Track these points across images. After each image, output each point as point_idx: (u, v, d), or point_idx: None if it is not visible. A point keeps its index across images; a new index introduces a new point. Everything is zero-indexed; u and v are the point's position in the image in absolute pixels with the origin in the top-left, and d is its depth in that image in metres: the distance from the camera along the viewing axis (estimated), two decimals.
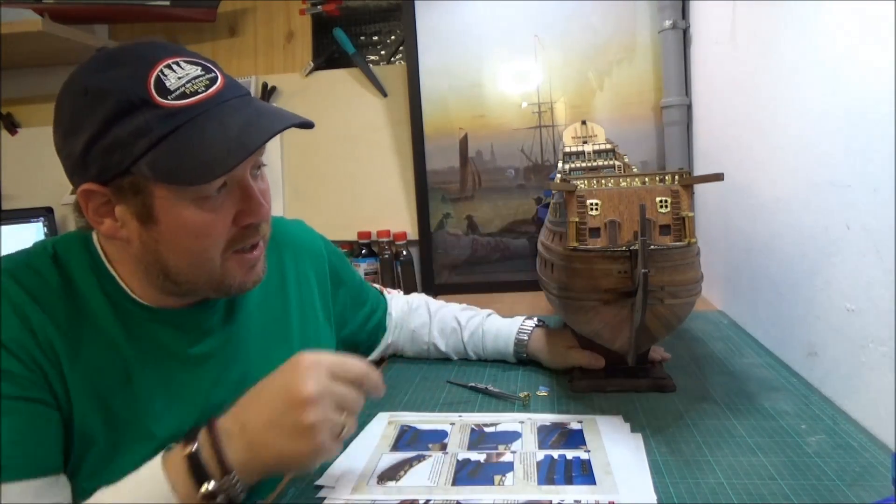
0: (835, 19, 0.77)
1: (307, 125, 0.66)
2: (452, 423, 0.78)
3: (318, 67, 1.79)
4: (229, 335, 0.75)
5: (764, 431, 0.71)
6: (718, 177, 0.72)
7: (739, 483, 0.61)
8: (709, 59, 1.35)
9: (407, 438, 0.76)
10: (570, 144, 1.20)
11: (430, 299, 1.11)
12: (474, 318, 1.05)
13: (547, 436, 0.73)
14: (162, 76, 0.60)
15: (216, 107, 0.61)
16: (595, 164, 1.12)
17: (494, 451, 0.70)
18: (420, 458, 0.70)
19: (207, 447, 0.55)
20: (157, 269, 0.65)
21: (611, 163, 1.11)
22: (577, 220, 0.72)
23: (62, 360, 0.62)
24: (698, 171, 1.46)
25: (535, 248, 1.03)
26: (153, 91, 0.59)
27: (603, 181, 0.76)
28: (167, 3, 1.72)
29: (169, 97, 0.59)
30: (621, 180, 0.77)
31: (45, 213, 1.74)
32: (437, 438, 0.75)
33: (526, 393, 0.85)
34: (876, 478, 0.60)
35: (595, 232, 0.72)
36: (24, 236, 1.69)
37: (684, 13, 1.48)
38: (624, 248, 0.70)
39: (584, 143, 1.20)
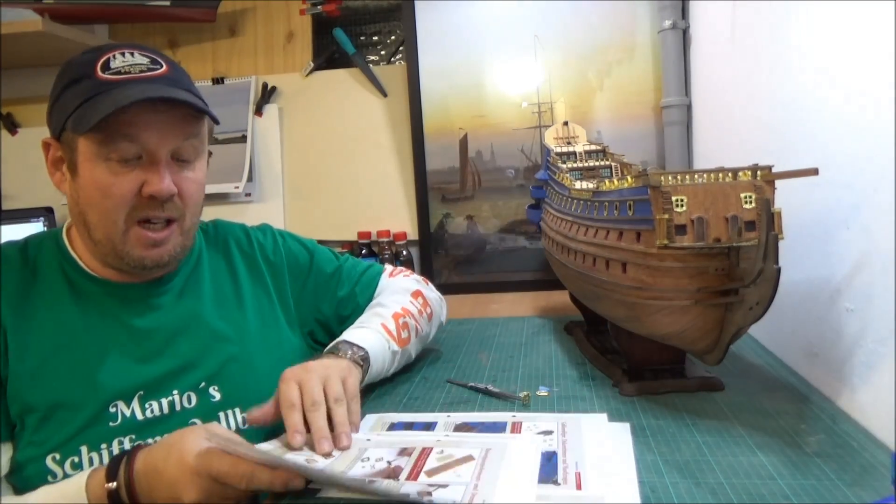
0: (835, 19, 0.77)
1: (212, 118, 0.77)
2: (438, 421, 0.79)
3: (318, 67, 1.79)
4: (180, 314, 0.82)
5: (764, 431, 0.71)
6: (812, 171, 0.69)
7: (739, 483, 0.61)
8: (709, 59, 1.35)
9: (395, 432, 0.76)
10: (552, 145, 1.19)
11: (395, 289, 1.01)
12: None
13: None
14: (111, 59, 0.73)
15: (139, 83, 0.72)
16: (587, 164, 1.11)
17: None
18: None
19: (124, 491, 0.61)
20: (82, 223, 0.76)
21: (605, 163, 1.11)
22: (667, 217, 0.69)
23: (8, 332, 0.72)
24: None
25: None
26: (98, 67, 0.72)
27: (687, 177, 0.72)
28: (167, 3, 1.72)
29: (106, 72, 0.72)
30: (704, 175, 0.73)
31: (45, 213, 1.74)
32: (424, 433, 0.75)
33: (526, 393, 0.85)
34: (876, 478, 0.60)
35: (681, 229, 0.69)
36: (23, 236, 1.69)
37: (684, 13, 1.48)
38: (726, 244, 0.68)
39: (568, 143, 1.19)
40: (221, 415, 0.80)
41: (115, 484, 0.60)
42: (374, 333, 0.87)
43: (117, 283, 0.79)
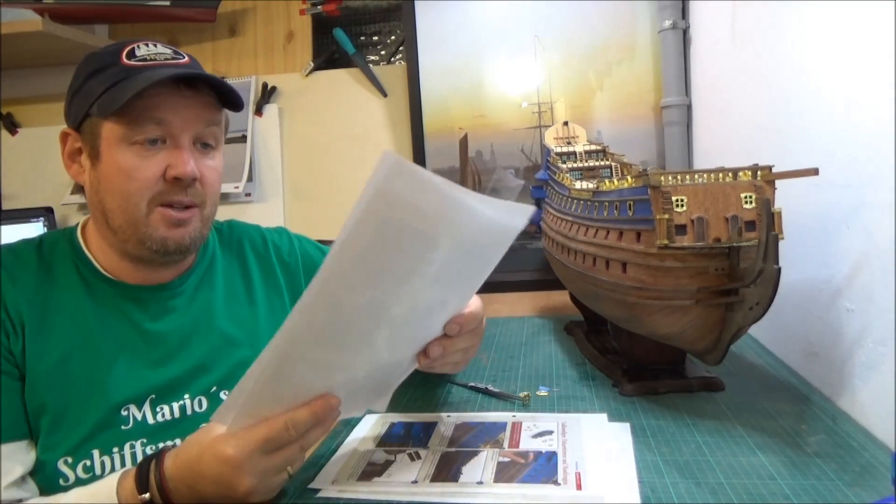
0: (834, 19, 0.77)
1: (237, 103, 0.77)
2: (439, 422, 0.79)
3: (318, 67, 1.79)
4: (193, 316, 0.82)
5: (764, 431, 0.71)
6: (812, 171, 0.69)
7: (739, 483, 0.61)
8: (709, 59, 1.35)
9: (395, 434, 0.76)
10: (552, 145, 1.19)
11: None
12: None
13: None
14: (136, 48, 0.74)
15: (165, 68, 0.73)
16: (588, 164, 1.11)
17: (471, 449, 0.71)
18: (405, 453, 0.71)
19: (159, 498, 0.59)
20: (101, 213, 0.75)
21: (605, 163, 1.11)
22: (667, 217, 0.69)
23: (27, 330, 0.72)
24: None
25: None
26: (123, 55, 0.73)
27: (687, 176, 0.72)
28: (167, 3, 1.72)
29: (132, 59, 0.73)
30: (704, 175, 0.73)
31: (45, 213, 1.74)
32: (424, 433, 0.76)
33: (526, 393, 0.85)
34: (876, 478, 0.60)
35: (681, 229, 0.70)
36: (24, 236, 1.69)
37: (684, 13, 1.48)
38: (726, 244, 0.68)
39: (568, 143, 1.19)
40: None
41: (148, 495, 0.59)
42: None
43: (132, 286, 0.79)
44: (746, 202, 0.70)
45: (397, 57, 1.78)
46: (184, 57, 0.76)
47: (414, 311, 0.61)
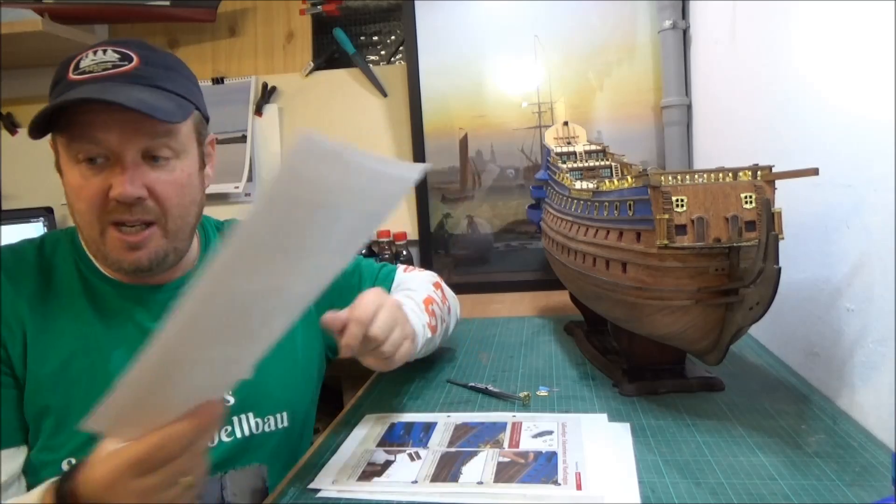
0: (834, 19, 0.77)
1: (162, 119, 0.69)
2: (439, 422, 0.79)
3: (318, 67, 1.79)
4: None
5: (764, 431, 0.71)
6: (812, 171, 0.69)
7: (739, 483, 0.61)
8: (709, 59, 1.35)
9: (395, 434, 0.77)
10: (552, 145, 1.19)
11: (417, 279, 1.02)
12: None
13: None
14: (83, 58, 0.71)
15: (96, 83, 0.69)
16: (588, 164, 1.11)
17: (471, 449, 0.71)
18: (405, 453, 0.71)
19: None
20: (75, 224, 0.75)
21: (605, 163, 1.11)
22: (667, 217, 0.70)
23: (29, 333, 0.71)
24: None
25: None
26: (71, 69, 0.71)
27: (687, 176, 0.72)
28: (167, 3, 1.72)
29: (75, 73, 0.70)
30: (704, 175, 0.73)
31: (45, 213, 1.74)
32: (424, 433, 0.76)
33: (526, 393, 0.85)
34: (876, 478, 0.60)
35: (681, 229, 0.70)
36: (24, 236, 1.69)
37: (684, 13, 1.48)
38: (726, 244, 0.68)
39: (568, 143, 1.19)
40: (234, 419, 0.79)
41: None
42: (414, 315, 0.85)
43: (132, 286, 0.78)
44: (746, 202, 0.70)
45: (397, 57, 1.78)
46: (131, 61, 0.71)
47: (315, 286, 0.54)
